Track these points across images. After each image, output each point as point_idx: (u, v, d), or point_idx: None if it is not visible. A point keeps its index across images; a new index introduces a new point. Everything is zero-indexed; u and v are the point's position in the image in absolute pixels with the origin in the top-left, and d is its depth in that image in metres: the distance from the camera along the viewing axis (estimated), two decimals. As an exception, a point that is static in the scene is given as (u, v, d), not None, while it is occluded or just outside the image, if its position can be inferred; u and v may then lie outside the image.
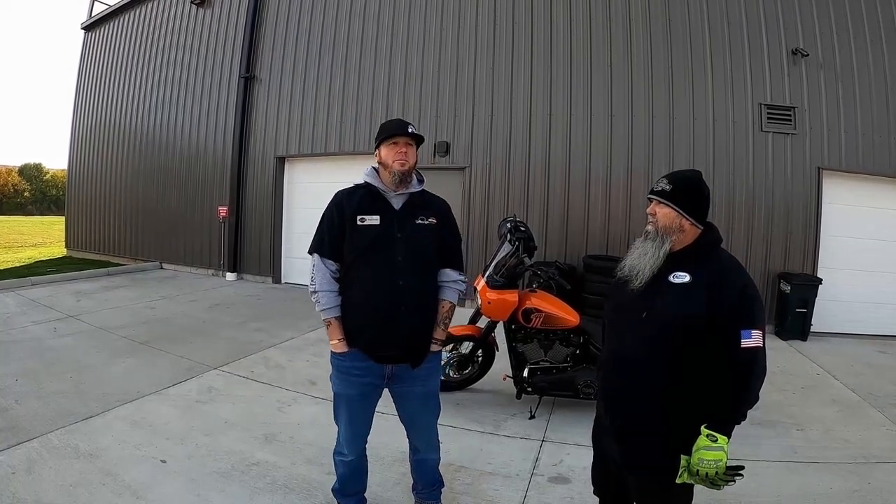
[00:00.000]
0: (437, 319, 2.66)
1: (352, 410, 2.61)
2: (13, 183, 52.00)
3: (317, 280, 2.54)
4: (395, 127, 2.57)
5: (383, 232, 2.49)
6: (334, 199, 2.62)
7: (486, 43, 8.87)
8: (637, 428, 2.02)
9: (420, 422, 2.76)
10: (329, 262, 2.55)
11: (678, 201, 2.02)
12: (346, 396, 2.60)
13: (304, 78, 10.32)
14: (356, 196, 2.57)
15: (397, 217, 2.53)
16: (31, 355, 5.43)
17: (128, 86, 13.07)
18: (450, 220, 2.73)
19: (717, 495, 2.61)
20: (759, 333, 1.88)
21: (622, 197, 8.16)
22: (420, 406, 2.72)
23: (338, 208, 2.56)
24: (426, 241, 2.57)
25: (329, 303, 2.53)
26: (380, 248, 2.48)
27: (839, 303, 7.67)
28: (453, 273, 2.69)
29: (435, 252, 2.62)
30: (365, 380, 2.56)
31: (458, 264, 2.72)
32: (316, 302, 2.55)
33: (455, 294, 2.72)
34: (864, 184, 7.76)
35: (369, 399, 2.63)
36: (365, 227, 2.49)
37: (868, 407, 4.86)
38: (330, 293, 2.53)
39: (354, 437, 2.66)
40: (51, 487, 3.03)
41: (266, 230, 10.74)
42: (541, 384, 4.37)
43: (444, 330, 2.70)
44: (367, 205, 2.53)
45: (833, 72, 7.72)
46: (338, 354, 2.56)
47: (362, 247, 2.48)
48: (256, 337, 6.52)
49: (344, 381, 2.58)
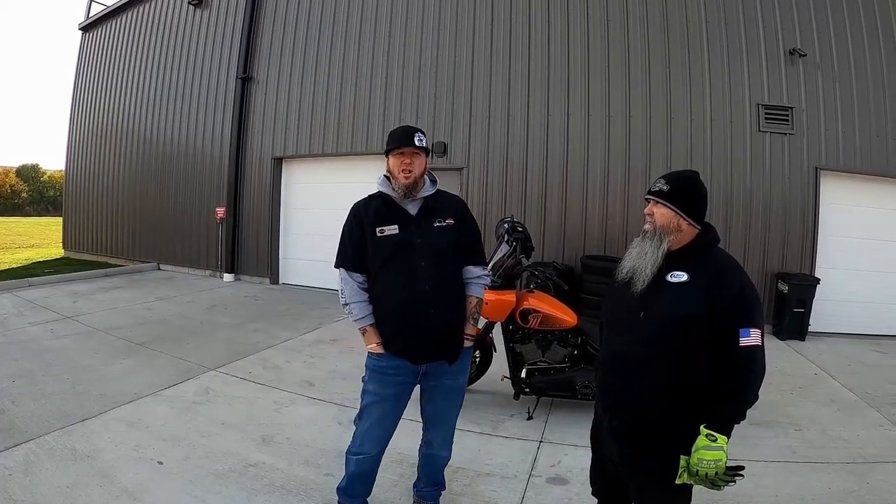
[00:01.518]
0: (465, 315, 2.72)
1: (384, 410, 2.65)
2: (10, 184, 51.84)
3: (346, 293, 2.62)
4: (401, 138, 2.59)
5: (403, 240, 2.55)
6: (352, 211, 2.67)
7: (483, 43, 8.87)
8: (635, 428, 2.02)
9: (442, 415, 2.81)
10: (355, 274, 2.62)
11: (676, 201, 2.02)
12: (382, 396, 2.63)
13: (301, 78, 10.31)
14: (372, 207, 2.62)
15: (415, 223, 2.59)
16: (28, 357, 5.41)
17: (125, 86, 13.04)
18: (468, 218, 2.78)
19: (716, 495, 2.61)
20: (757, 332, 1.88)
21: (619, 197, 8.15)
22: (446, 399, 2.77)
23: (357, 221, 2.62)
24: (445, 243, 2.62)
25: (361, 312, 2.60)
26: (401, 256, 2.54)
27: (837, 303, 7.67)
28: (476, 269, 2.77)
29: (455, 252, 2.66)
30: (400, 378, 2.62)
31: (480, 260, 2.80)
32: (349, 314, 2.64)
33: (480, 289, 2.80)
34: (862, 184, 7.76)
35: (403, 399, 2.69)
36: (384, 238, 2.55)
37: (866, 407, 4.87)
38: (360, 303, 2.61)
39: (381, 435, 2.68)
40: (47, 489, 3.02)
41: (263, 231, 10.72)
42: (538, 385, 4.36)
43: (474, 325, 2.78)
44: (384, 215, 2.58)
45: (830, 72, 7.73)
46: (375, 356, 2.62)
47: (384, 257, 2.55)
48: (254, 338, 6.50)
49: (380, 382, 2.63)
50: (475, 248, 2.78)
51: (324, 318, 7.62)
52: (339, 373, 5.34)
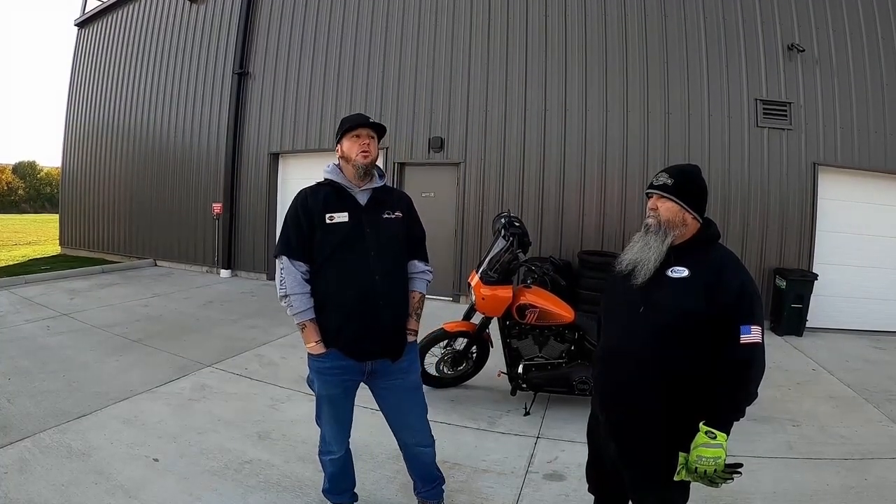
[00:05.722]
0: (409, 310, 2.68)
1: (336, 408, 2.62)
2: (7, 181, 51.63)
3: (287, 283, 2.47)
4: (356, 119, 2.57)
5: (353, 228, 2.48)
6: (297, 198, 2.55)
7: (480, 38, 8.83)
8: (633, 424, 2.01)
9: (407, 417, 2.73)
10: (298, 263, 2.48)
11: (681, 195, 2.01)
12: (329, 396, 2.59)
13: (297, 74, 10.26)
14: (321, 194, 2.53)
15: (365, 213, 2.53)
16: (24, 354, 5.39)
17: (121, 82, 12.97)
18: (413, 213, 2.76)
19: (714, 492, 2.60)
20: (758, 329, 1.86)
21: (617, 192, 8.14)
22: (403, 400, 2.69)
23: (303, 208, 2.49)
24: (395, 235, 2.59)
25: (302, 305, 2.48)
26: (351, 245, 2.47)
27: (835, 298, 7.67)
28: (421, 264, 2.74)
29: (404, 245, 2.64)
30: (345, 377, 2.56)
31: (424, 255, 2.77)
32: (288, 306, 2.49)
33: (424, 284, 2.75)
34: (860, 179, 7.77)
35: (351, 394, 2.65)
36: (334, 226, 2.47)
37: (864, 403, 4.87)
38: (302, 295, 2.48)
39: (341, 432, 2.67)
40: (43, 487, 3.00)
41: (260, 227, 10.69)
42: (536, 380, 4.36)
43: (417, 320, 2.73)
44: (334, 202, 2.50)
45: (829, 67, 7.72)
46: (316, 357, 2.54)
47: (334, 245, 2.46)
48: (250, 334, 6.48)
49: (325, 382, 2.57)
50: (421, 244, 2.76)
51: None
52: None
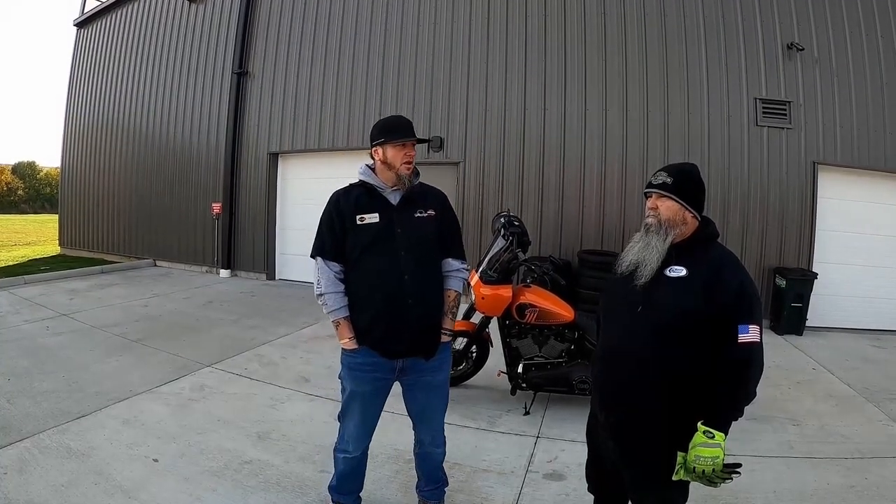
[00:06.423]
0: (444, 309, 2.68)
1: (364, 407, 2.62)
2: (7, 181, 51.64)
3: (322, 283, 2.54)
4: (404, 129, 2.58)
5: (383, 229, 2.50)
6: (331, 200, 2.62)
7: (480, 37, 8.82)
8: (633, 423, 2.00)
9: (428, 413, 2.75)
10: (332, 263, 2.55)
11: (681, 193, 2.01)
12: (360, 393, 2.60)
13: (297, 73, 10.25)
14: (353, 195, 2.57)
15: (396, 212, 2.55)
16: (24, 354, 5.39)
17: (121, 82, 12.96)
18: (448, 210, 2.75)
19: (714, 492, 2.60)
20: (756, 329, 1.86)
21: (617, 191, 8.13)
22: (429, 396, 2.71)
23: (336, 209, 2.56)
24: (426, 234, 2.59)
25: (336, 304, 2.53)
26: (381, 245, 2.50)
27: (834, 297, 7.66)
28: (455, 262, 2.72)
29: (436, 244, 2.63)
30: (376, 374, 2.57)
31: (459, 253, 2.75)
32: (323, 304, 2.56)
33: (460, 283, 2.75)
34: (860, 178, 7.76)
35: (381, 394, 2.65)
36: (365, 226, 2.50)
37: (864, 402, 4.87)
38: (336, 294, 2.53)
39: (364, 433, 2.67)
40: (43, 487, 3.00)
41: (260, 227, 10.69)
42: (535, 380, 4.36)
43: (452, 319, 2.73)
44: (365, 203, 2.54)
45: (829, 66, 7.71)
46: (349, 352, 2.57)
47: (364, 245, 2.49)
48: (250, 334, 6.48)
49: (356, 379, 2.59)
50: (456, 242, 2.75)
51: (320, 314, 7.52)
52: (335, 369, 5.24)
